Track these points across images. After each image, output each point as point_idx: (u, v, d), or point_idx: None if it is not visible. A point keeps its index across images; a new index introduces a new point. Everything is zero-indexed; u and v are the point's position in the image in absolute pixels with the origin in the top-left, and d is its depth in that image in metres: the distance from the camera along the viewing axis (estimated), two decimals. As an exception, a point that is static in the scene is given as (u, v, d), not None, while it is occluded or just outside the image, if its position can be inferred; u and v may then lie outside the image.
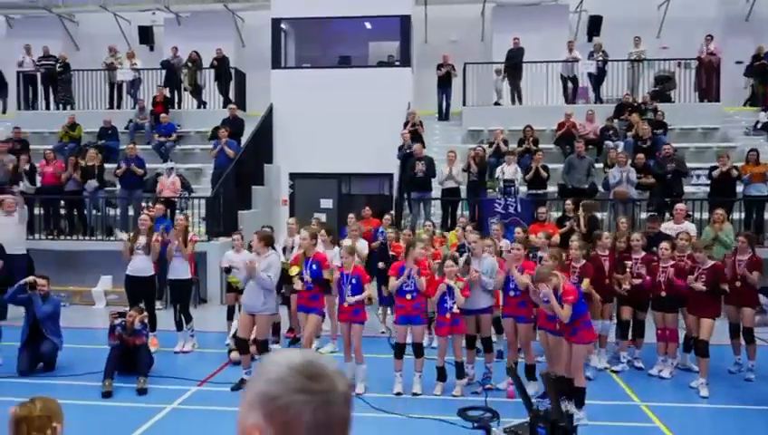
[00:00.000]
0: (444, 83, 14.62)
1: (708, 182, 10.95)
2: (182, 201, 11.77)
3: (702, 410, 5.83)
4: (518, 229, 7.82)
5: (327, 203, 14.18)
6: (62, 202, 11.68)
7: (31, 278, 6.83)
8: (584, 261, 6.74)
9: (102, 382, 6.07)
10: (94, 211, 11.79)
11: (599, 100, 14.69)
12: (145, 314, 6.68)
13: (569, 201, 9.91)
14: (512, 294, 6.05)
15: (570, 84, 14.60)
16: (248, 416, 0.99)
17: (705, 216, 9.73)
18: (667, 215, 9.59)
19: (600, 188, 11.25)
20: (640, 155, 11.21)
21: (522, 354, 6.18)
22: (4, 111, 16.83)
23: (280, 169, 14.56)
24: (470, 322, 6.33)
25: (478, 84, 14.89)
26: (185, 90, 15.65)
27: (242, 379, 6.26)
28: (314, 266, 6.21)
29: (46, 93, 16.01)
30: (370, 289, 6.34)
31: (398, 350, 6.12)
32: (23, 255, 9.15)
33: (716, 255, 6.98)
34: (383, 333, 8.19)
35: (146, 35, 17.48)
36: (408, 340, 6.17)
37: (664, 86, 14.58)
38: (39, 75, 15.95)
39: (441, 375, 6.15)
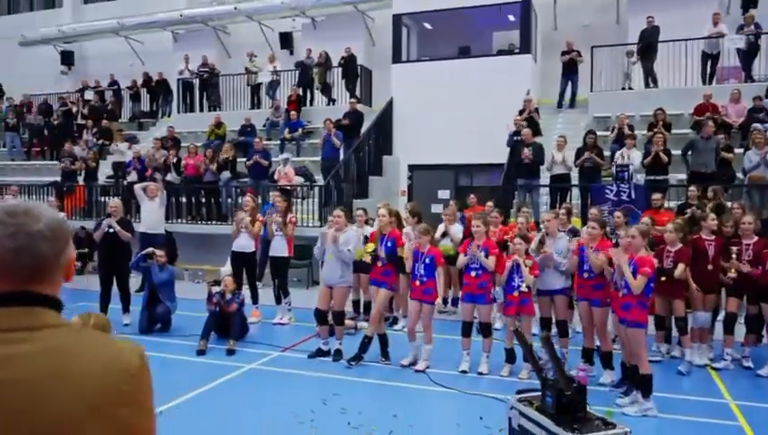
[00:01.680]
0: (569, 71, 13.98)
1: None
2: (303, 190, 12.58)
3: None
4: (618, 214, 7.33)
5: (444, 194, 14.25)
6: (202, 191, 13.07)
7: (150, 249, 7.81)
8: (680, 245, 6.15)
9: (199, 342, 6.78)
10: (228, 199, 13.02)
11: (749, 78, 13.09)
12: (235, 285, 7.32)
13: (692, 187, 9.04)
14: (585, 276, 5.71)
15: (710, 63, 13.15)
16: None
17: None
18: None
19: (740, 175, 10.10)
20: (790, 136, 9.84)
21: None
22: (168, 115, 19.09)
23: (399, 161, 14.93)
24: (544, 303, 6.10)
25: (608, 69, 14.02)
26: (316, 88, 16.64)
27: (319, 348, 6.61)
28: (389, 244, 6.38)
29: (201, 97, 17.97)
30: (443, 272, 6.33)
31: (465, 328, 6.07)
32: (161, 234, 10.39)
33: None
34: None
35: (286, 40, 18.79)
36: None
37: (834, 59, 12.60)
38: (196, 82, 17.92)
39: (509, 357, 5.99)
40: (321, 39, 17.32)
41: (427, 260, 6.05)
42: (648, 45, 13.53)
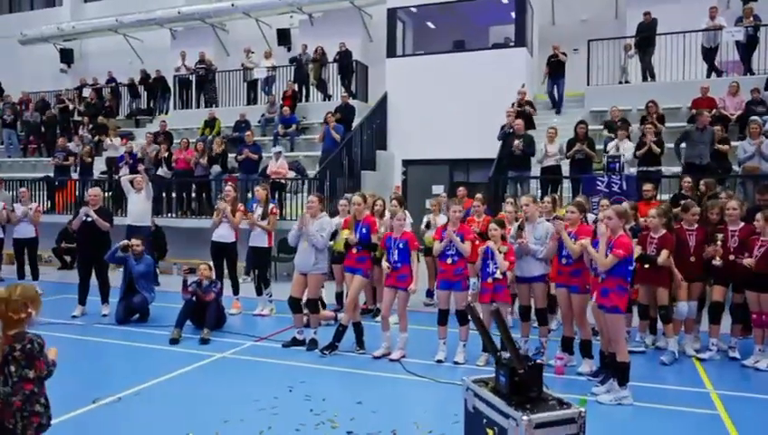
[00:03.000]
0: (555, 73, 13.63)
1: None
2: (296, 183, 12.43)
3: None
4: (604, 202, 7.15)
5: (438, 189, 14.08)
6: (193, 185, 12.94)
7: (125, 242, 7.68)
8: (664, 231, 5.96)
9: (172, 331, 6.64)
10: (219, 194, 12.87)
11: (749, 72, 12.85)
12: (211, 272, 7.18)
13: (687, 178, 8.84)
14: (564, 262, 5.51)
15: (709, 56, 12.93)
16: None
17: None
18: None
19: (736, 168, 9.89)
20: (787, 127, 9.63)
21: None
22: (166, 112, 19.02)
23: (393, 156, 14.78)
24: (523, 291, 5.92)
25: (606, 63, 13.82)
26: (312, 84, 16.53)
27: (294, 337, 6.46)
28: (364, 230, 6.22)
29: (198, 94, 17.89)
30: (417, 256, 6.16)
31: (441, 316, 5.89)
32: (147, 226, 10.26)
33: None
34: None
35: (284, 37, 18.70)
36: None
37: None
38: (193, 79, 17.85)
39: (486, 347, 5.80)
40: (318, 35, 17.20)
41: (401, 245, 5.88)
42: (645, 39, 13.33)
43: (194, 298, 6.93)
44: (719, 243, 5.89)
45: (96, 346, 6.58)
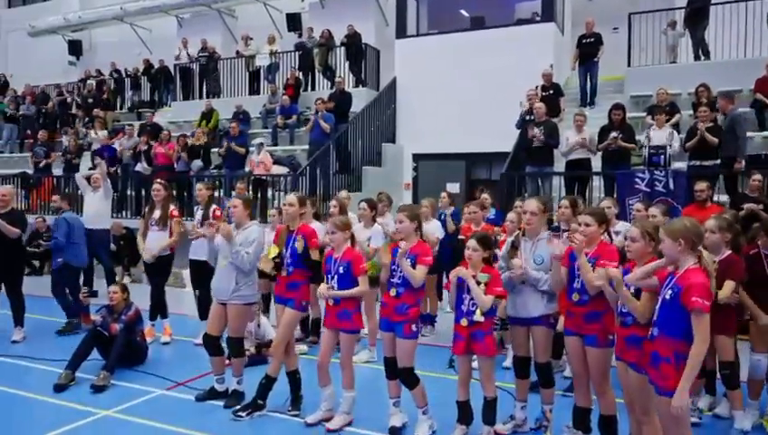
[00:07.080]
0: (587, 60, 11.50)
1: None
2: (287, 181, 10.85)
3: None
4: (639, 206, 5.30)
5: (454, 188, 12.30)
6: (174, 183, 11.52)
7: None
8: (728, 252, 4.09)
9: (62, 373, 5.11)
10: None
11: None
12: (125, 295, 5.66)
13: (757, 176, 6.85)
14: (575, 298, 3.72)
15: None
16: None
17: None
18: None
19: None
20: None
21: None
22: (169, 104, 17.79)
23: (403, 150, 13.07)
24: (519, 336, 4.13)
25: (651, 41, 11.77)
26: (318, 70, 14.98)
27: (212, 387, 4.83)
28: (296, 244, 4.48)
29: (200, 84, 16.59)
30: (365, 284, 4.41)
31: (388, 367, 4.14)
32: (104, 229, 8.89)
33: None
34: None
35: (294, 22, 17.21)
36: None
37: None
38: (195, 68, 16.55)
39: (463, 415, 4.02)
40: (330, 20, 15.62)
41: (342, 269, 4.18)
42: (697, 10, 11.21)
43: (102, 329, 5.40)
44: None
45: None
